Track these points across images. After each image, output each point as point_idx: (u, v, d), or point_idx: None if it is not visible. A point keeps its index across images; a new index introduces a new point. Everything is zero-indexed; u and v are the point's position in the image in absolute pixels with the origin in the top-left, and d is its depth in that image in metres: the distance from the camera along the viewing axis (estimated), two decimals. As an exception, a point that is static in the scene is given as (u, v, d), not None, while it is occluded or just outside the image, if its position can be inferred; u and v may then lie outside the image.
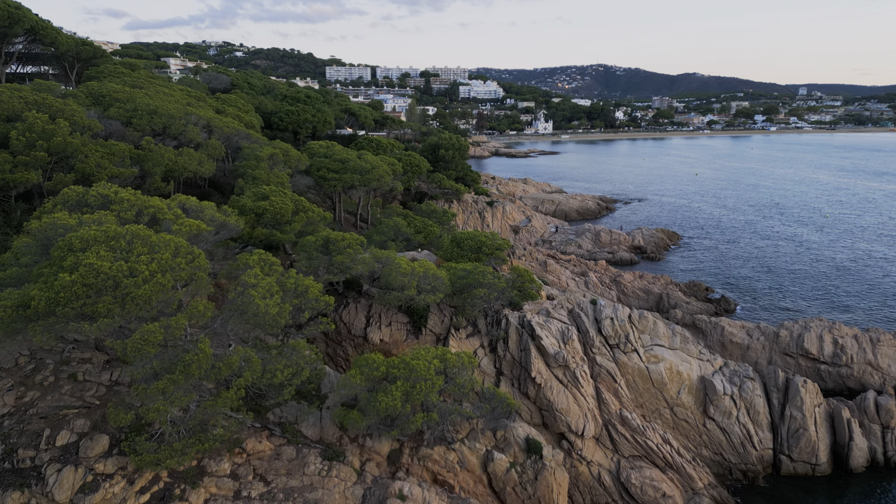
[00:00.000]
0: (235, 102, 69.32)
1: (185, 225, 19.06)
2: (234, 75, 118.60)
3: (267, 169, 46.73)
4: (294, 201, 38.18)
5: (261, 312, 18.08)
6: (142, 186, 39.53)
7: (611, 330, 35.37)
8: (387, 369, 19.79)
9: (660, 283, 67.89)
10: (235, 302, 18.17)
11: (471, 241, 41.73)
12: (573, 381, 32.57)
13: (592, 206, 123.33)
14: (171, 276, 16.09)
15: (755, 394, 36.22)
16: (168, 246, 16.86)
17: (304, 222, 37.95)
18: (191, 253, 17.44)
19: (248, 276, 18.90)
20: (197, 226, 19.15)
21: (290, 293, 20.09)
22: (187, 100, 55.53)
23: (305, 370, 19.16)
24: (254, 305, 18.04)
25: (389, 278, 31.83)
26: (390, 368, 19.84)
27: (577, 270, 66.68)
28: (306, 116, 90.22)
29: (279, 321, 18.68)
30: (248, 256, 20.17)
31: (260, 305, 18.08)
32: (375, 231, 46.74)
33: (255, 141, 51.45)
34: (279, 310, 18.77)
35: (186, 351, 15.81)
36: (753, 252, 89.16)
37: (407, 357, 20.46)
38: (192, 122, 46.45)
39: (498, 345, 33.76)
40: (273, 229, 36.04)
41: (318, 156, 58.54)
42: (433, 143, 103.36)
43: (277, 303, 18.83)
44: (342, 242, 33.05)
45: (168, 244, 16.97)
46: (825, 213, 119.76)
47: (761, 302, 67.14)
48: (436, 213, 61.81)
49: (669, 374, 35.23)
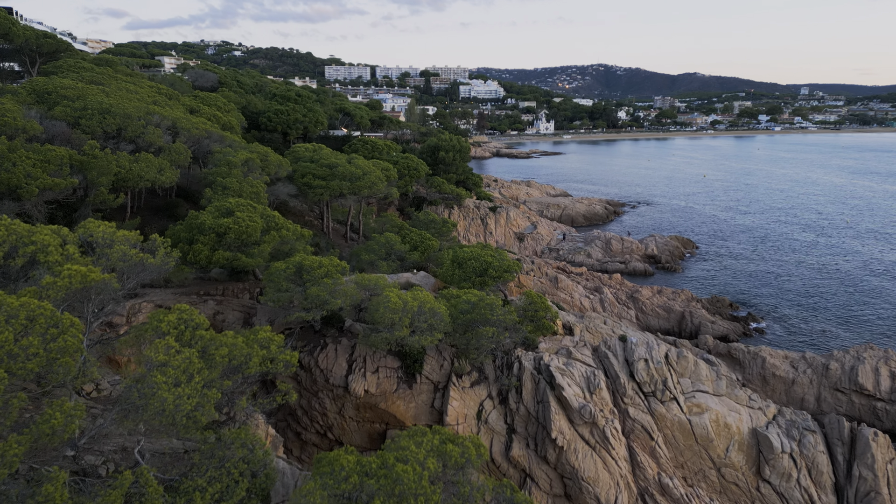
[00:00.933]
0: (215, 101, 63.24)
1: (65, 275, 12.99)
2: (222, 73, 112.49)
3: (240, 176, 40.67)
4: (265, 217, 32.08)
5: (168, 409, 12.01)
6: (84, 200, 33.49)
7: (645, 374, 29.30)
8: (360, 479, 13.76)
9: (680, 299, 61.83)
10: (130, 395, 12.08)
11: (475, 262, 35.65)
12: (602, 441, 26.51)
13: (600, 211, 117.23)
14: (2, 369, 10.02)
15: (817, 450, 30.15)
16: (14, 317, 10.86)
17: (277, 242, 31.85)
18: (56, 325, 11.41)
19: (155, 349, 12.80)
20: (82, 276, 13.04)
21: (222, 369, 14.01)
22: (155, 97, 49.45)
23: (242, 486, 13.13)
24: (157, 399, 11.96)
25: (376, 315, 25.77)
26: (365, 477, 13.82)
27: (591, 286, 60.60)
28: (296, 116, 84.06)
29: (199, 419, 12.62)
30: (162, 316, 14.05)
31: (167, 399, 12.01)
32: (364, 248, 40.66)
33: (229, 144, 45.37)
34: (200, 400, 12.71)
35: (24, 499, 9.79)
36: (774, 262, 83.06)
37: (389, 457, 14.35)
38: (154, 123, 40.38)
39: (510, 395, 27.69)
40: (238, 251, 29.97)
41: (303, 160, 52.46)
42: (432, 144, 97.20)
43: (198, 390, 12.76)
44: (318, 270, 26.97)
45: (16, 313, 10.96)
46: (845, 218, 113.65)
47: (791, 321, 61.01)
48: (434, 224, 55.74)
49: (716, 427, 29.16)
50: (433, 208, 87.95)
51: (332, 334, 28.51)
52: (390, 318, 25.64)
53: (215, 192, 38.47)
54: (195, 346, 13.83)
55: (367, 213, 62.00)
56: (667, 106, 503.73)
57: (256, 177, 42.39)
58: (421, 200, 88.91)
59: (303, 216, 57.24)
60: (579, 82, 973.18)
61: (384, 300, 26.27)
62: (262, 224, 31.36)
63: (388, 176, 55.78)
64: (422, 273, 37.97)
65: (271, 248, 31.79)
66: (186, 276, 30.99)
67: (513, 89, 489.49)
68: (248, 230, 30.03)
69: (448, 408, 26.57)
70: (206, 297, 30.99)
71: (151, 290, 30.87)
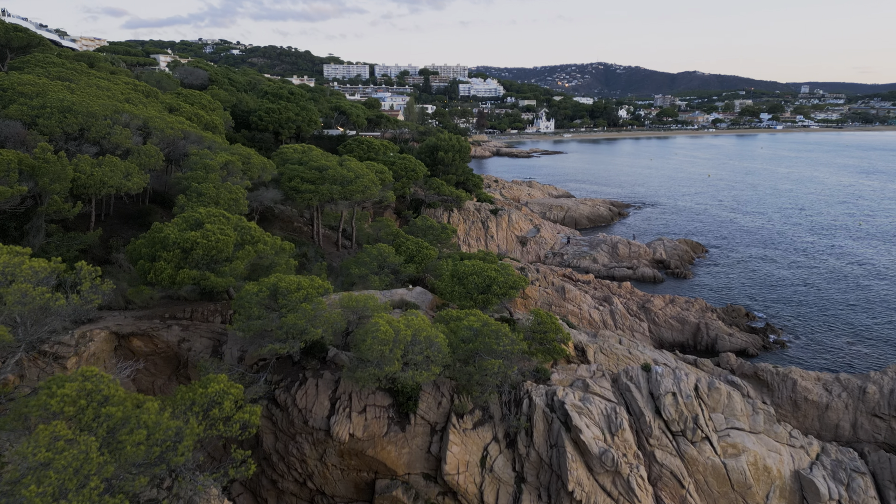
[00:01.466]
0: (200, 99, 59.37)
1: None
2: (212, 70, 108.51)
3: (218, 181, 36.89)
4: (240, 229, 28.30)
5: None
6: (35, 209, 29.72)
7: (673, 411, 25.56)
8: None
9: (694, 308, 58.11)
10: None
11: (477, 278, 31.89)
12: (626, 492, 22.79)
13: (604, 212, 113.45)
14: None
15: (868, 495, 26.45)
16: None
17: (254, 258, 28.08)
18: None
19: (33, 442, 9.04)
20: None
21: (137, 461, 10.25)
22: (129, 95, 45.61)
23: None
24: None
25: (363, 347, 22.03)
26: None
27: (599, 295, 56.86)
28: (289, 115, 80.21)
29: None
30: (55, 387, 10.26)
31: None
32: (354, 261, 36.85)
33: (208, 145, 41.55)
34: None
35: None
36: (787, 266, 79.36)
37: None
38: (123, 123, 36.57)
39: (518, 438, 23.94)
40: (207, 269, 26.20)
41: (291, 162, 48.67)
42: (431, 144, 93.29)
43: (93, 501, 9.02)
44: (296, 294, 23.19)
45: None
46: (857, 219, 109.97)
47: (814, 333, 57.26)
48: (433, 230, 51.98)
49: (754, 470, 25.44)
50: (432, 211, 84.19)
51: (312, 366, 24.72)
52: (379, 350, 21.90)
53: (189, 198, 34.72)
54: (99, 429, 10.04)
55: (361, 218, 58.23)
56: (667, 104, 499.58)
57: (237, 181, 38.60)
58: (419, 203, 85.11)
59: (291, 222, 53.48)
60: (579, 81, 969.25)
61: (372, 328, 22.52)
62: (236, 237, 27.57)
63: (383, 179, 52.03)
64: (418, 289, 34.23)
65: (246, 265, 28.04)
66: (151, 296, 27.25)
67: (512, 88, 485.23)
68: (219, 245, 26.26)
69: (447, 454, 22.84)
70: (171, 320, 27.23)
71: (109, 314, 27.13)
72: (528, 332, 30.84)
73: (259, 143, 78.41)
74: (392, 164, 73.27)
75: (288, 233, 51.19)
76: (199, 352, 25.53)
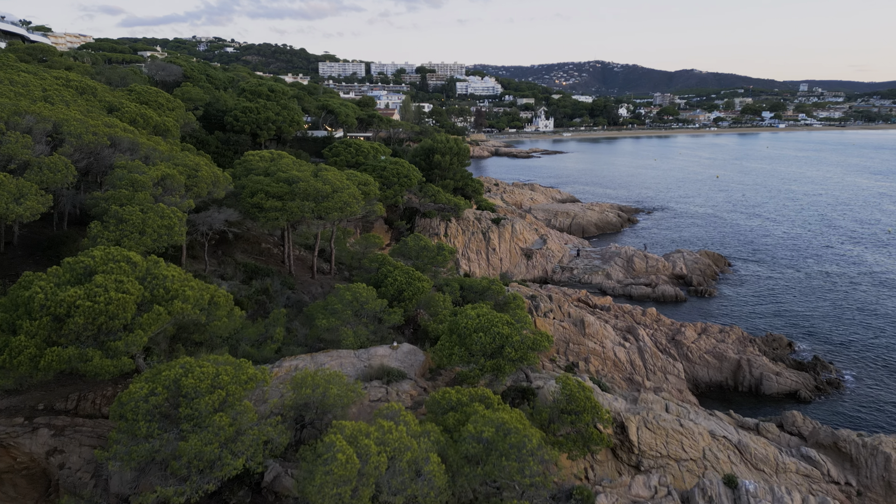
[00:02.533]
0: (156, 97, 50.91)
1: None
2: (187, 66, 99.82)
3: (149, 201, 28.54)
4: (149, 280, 19.92)
5: None
6: None
7: (778, 556, 17.43)
8: None
9: (731, 339, 49.98)
10: None
11: (484, 337, 23.60)
12: None
13: (613, 219, 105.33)
14: None
15: None
16: None
17: (169, 322, 19.70)
18: None
19: None
20: None
21: None
22: (53, 91, 37.19)
23: None
24: None
25: (309, 488, 13.77)
26: None
27: (622, 326, 48.64)
28: (268, 115, 71.81)
29: None
30: None
31: None
32: (322, 308, 28.36)
33: (145, 154, 33.10)
34: None
35: None
36: (821, 282, 71.32)
37: None
38: (23, 128, 28.17)
39: None
40: (91, 346, 17.88)
41: (256, 172, 40.29)
42: (427, 146, 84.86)
43: None
44: (207, 398, 14.85)
45: None
46: (885, 227, 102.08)
47: (870, 367, 49.17)
48: (428, 252, 43.71)
49: None
50: (427, 221, 75.91)
51: (239, 498, 16.40)
52: (335, 495, 13.64)
53: (106, 226, 26.41)
54: None
55: (342, 237, 49.87)
56: (667, 103, 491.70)
57: (175, 201, 30.24)
58: (413, 212, 76.80)
59: (258, 243, 45.07)
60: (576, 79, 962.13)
61: (325, 454, 14.24)
62: (141, 294, 19.21)
63: (367, 192, 43.72)
64: (405, 347, 25.91)
65: (159, 332, 19.71)
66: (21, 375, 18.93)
67: (510, 86, 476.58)
68: (111, 309, 17.91)
69: None
70: (43, 415, 18.85)
71: (-47, 407, 18.80)
72: (554, 411, 22.68)
73: (234, 146, 70.00)
74: (383, 169, 65.00)
75: (253, 256, 42.83)
76: (75, 470, 17.21)
